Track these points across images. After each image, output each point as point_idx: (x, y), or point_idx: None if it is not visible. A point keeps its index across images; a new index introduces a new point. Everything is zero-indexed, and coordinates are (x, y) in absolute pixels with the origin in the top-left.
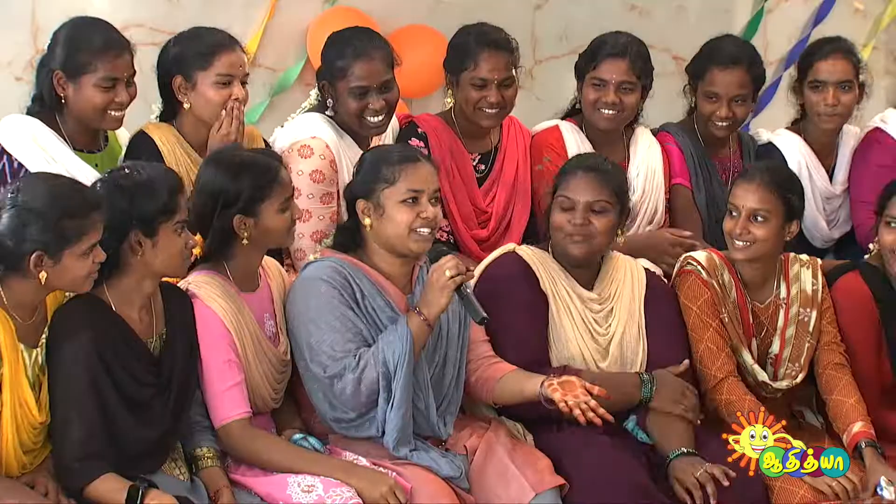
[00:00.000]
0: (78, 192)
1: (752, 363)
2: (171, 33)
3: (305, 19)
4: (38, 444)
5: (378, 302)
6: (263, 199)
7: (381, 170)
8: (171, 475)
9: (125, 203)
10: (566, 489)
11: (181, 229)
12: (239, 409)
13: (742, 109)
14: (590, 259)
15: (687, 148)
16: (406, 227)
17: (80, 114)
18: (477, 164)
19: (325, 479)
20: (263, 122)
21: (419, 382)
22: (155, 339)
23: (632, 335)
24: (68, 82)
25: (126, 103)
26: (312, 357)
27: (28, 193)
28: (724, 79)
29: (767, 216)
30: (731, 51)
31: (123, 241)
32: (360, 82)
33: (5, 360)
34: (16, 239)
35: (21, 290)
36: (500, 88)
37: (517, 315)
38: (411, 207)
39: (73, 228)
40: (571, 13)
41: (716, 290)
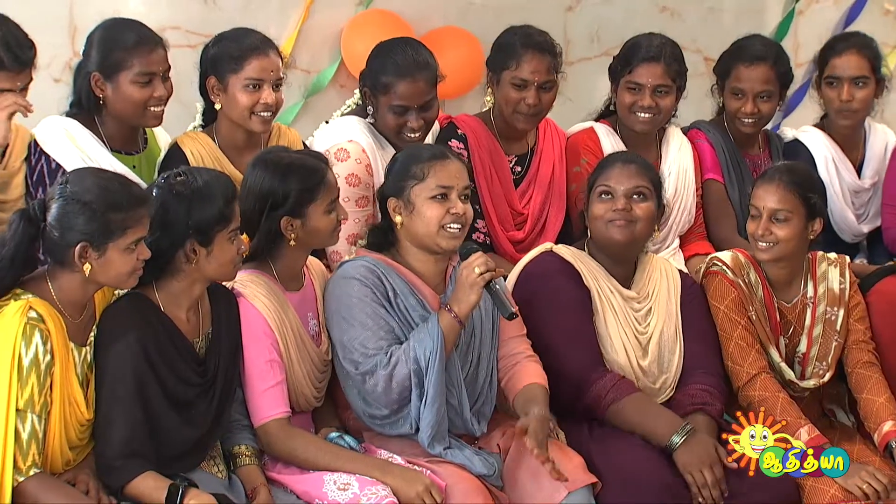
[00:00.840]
0: (125, 186)
1: (780, 361)
2: (207, 35)
3: (340, 21)
4: (84, 440)
5: (410, 301)
6: (311, 201)
7: (411, 167)
8: (210, 472)
9: (182, 211)
10: (598, 487)
11: (235, 237)
12: (278, 409)
13: (767, 106)
14: (630, 247)
15: (718, 144)
16: (436, 223)
17: (121, 112)
18: (513, 165)
19: (360, 478)
20: (298, 124)
21: (452, 380)
22: (201, 339)
23: (669, 335)
24: (106, 83)
25: (165, 98)
26: (345, 354)
27: (76, 185)
28: (748, 75)
29: (789, 216)
30: (756, 48)
31: (178, 249)
32: (400, 101)
33: (57, 360)
34: (62, 229)
35: (69, 285)
36: (540, 91)
37: (566, 314)
38: (441, 204)
39: (118, 221)
40: (603, 15)
41: (742, 289)
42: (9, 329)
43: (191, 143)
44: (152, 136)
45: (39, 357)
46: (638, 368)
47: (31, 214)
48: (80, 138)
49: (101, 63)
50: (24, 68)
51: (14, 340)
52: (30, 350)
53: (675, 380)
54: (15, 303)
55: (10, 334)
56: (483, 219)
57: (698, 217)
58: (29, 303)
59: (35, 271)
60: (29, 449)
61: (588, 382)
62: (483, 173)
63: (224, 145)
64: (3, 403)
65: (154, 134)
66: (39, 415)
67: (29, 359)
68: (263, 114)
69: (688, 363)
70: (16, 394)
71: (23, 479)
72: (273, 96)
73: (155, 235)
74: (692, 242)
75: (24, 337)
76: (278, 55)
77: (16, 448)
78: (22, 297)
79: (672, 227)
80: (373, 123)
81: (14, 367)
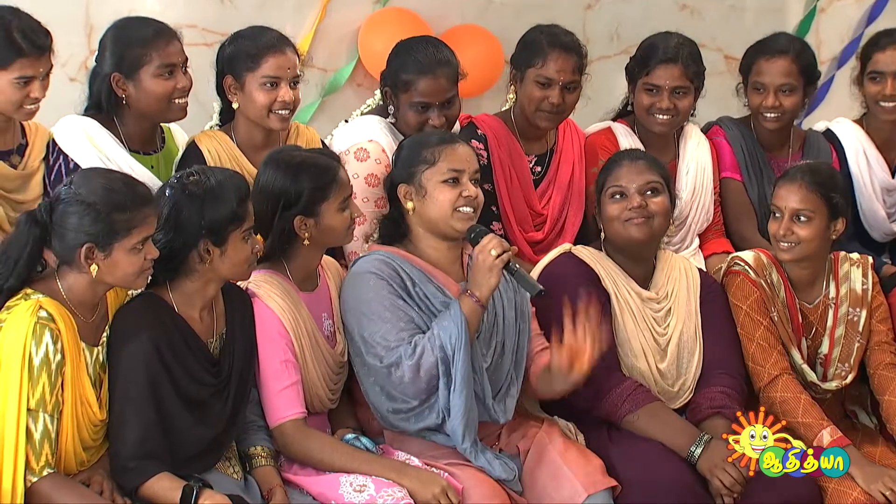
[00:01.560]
0: (130, 186)
1: (802, 363)
2: (224, 34)
3: (357, 20)
4: (97, 441)
5: (429, 288)
6: (324, 200)
7: (421, 152)
8: (225, 474)
9: (195, 211)
10: (618, 490)
11: (249, 236)
12: (294, 409)
13: (790, 100)
14: (649, 244)
15: (737, 142)
16: (449, 206)
17: (146, 109)
18: (533, 165)
19: (376, 479)
20: (314, 122)
21: (474, 367)
22: (215, 340)
23: (689, 336)
24: (127, 82)
25: (187, 89)
26: (367, 350)
27: (81, 186)
28: (769, 68)
29: (811, 216)
30: (777, 42)
31: (192, 249)
32: (422, 98)
33: (68, 360)
34: (68, 231)
35: (77, 285)
36: (564, 91)
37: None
38: (453, 187)
39: (123, 221)
40: (622, 12)
41: (764, 289)
42: (19, 328)
43: (208, 142)
44: (170, 136)
45: (50, 356)
46: (656, 371)
47: (38, 216)
48: (98, 138)
49: (120, 63)
50: (43, 53)
51: (24, 340)
52: (40, 349)
53: (693, 382)
54: (25, 302)
55: (21, 334)
56: (499, 221)
57: (716, 215)
58: (39, 302)
59: (45, 271)
60: (42, 449)
61: (603, 391)
62: (502, 174)
63: (242, 144)
64: (13, 403)
65: (171, 133)
66: (51, 414)
67: (39, 358)
68: (281, 112)
69: (707, 365)
70: (27, 393)
71: (36, 480)
72: (290, 94)
73: (168, 236)
74: (710, 240)
75: (34, 336)
76: (295, 52)
77: (28, 448)
78: (32, 297)
79: (691, 227)
80: (394, 123)
81: (25, 366)
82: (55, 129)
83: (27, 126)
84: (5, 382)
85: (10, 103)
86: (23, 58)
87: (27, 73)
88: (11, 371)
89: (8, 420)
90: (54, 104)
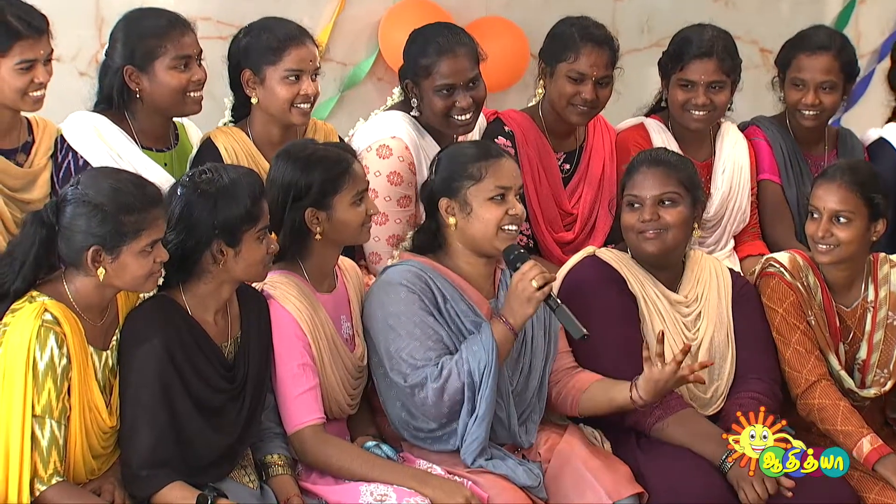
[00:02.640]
0: (138, 187)
1: (839, 369)
2: (239, 27)
3: (377, 12)
4: (107, 448)
5: (461, 306)
6: (335, 192)
7: (467, 167)
8: (241, 482)
9: (207, 210)
10: (645, 498)
11: (264, 236)
12: (312, 415)
13: (830, 98)
14: (666, 256)
15: (777, 143)
16: (494, 224)
17: (160, 103)
18: (562, 163)
19: (398, 489)
20: (333, 118)
21: (500, 391)
22: (230, 344)
23: (720, 340)
24: (141, 75)
25: (202, 81)
26: (392, 365)
27: (89, 186)
28: (810, 64)
29: (851, 217)
30: (819, 37)
31: (205, 249)
32: (445, 80)
33: (74, 364)
34: (74, 232)
35: (84, 288)
36: (597, 86)
37: (610, 323)
38: (499, 205)
39: (132, 224)
40: (653, 4)
41: (801, 292)
42: (23, 332)
43: (224, 139)
44: (183, 132)
45: (55, 360)
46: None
47: (44, 216)
48: (108, 135)
49: (133, 55)
50: (41, 35)
51: (28, 344)
52: (44, 354)
53: (726, 388)
54: (30, 305)
55: (25, 337)
56: (527, 221)
57: (753, 217)
58: (44, 305)
59: (52, 273)
60: (49, 456)
61: None
62: (531, 172)
63: (259, 140)
64: (18, 409)
65: (185, 130)
66: (58, 421)
67: (44, 363)
68: (303, 105)
69: (741, 369)
70: (31, 399)
71: (45, 488)
72: (313, 87)
73: (180, 236)
74: (746, 242)
75: (38, 340)
76: (314, 44)
77: (36, 455)
78: (37, 300)
79: (726, 228)
80: (417, 117)
81: (29, 371)
82: (64, 125)
83: (34, 123)
84: (10, 388)
85: (14, 91)
86: (21, 40)
87: (27, 56)
88: (16, 376)
89: (13, 426)
90: (64, 99)
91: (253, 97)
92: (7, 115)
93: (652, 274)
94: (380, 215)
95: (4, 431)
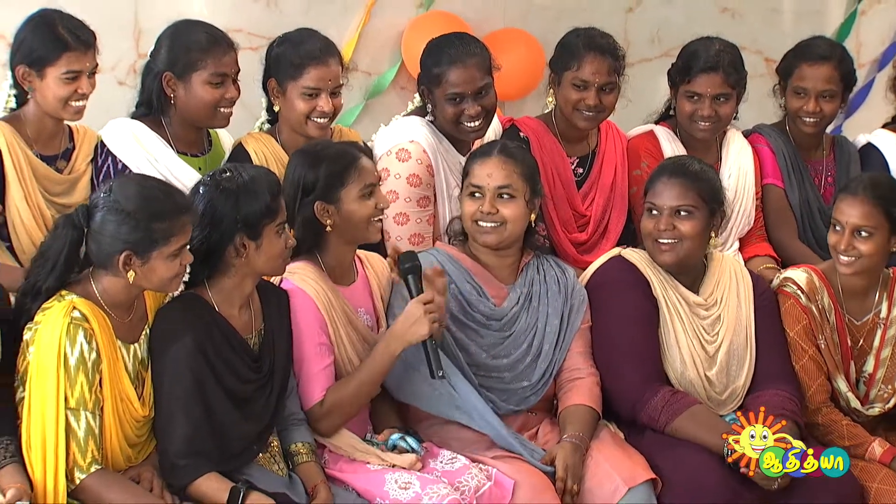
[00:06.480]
0: (168, 194)
1: (847, 391)
2: (269, 38)
3: (400, 23)
4: (142, 437)
5: (465, 286)
6: (342, 185)
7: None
8: (271, 470)
9: (230, 206)
10: (659, 487)
11: (282, 231)
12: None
13: (830, 106)
14: (682, 265)
15: (779, 148)
16: (469, 218)
17: (191, 113)
18: (575, 167)
19: (421, 476)
20: (358, 125)
21: (490, 367)
22: (254, 336)
23: (739, 344)
24: (178, 82)
25: (234, 99)
26: None
27: (120, 194)
28: (812, 73)
29: (872, 231)
30: (820, 47)
31: (228, 245)
32: (454, 89)
33: (104, 358)
34: (106, 238)
35: (112, 287)
36: (600, 92)
37: (630, 327)
38: (473, 200)
39: (162, 230)
40: (664, 16)
41: (814, 316)
42: (53, 329)
43: (254, 144)
44: (216, 138)
45: (85, 355)
46: (705, 379)
47: (75, 220)
48: (146, 140)
49: (174, 63)
50: (88, 48)
51: (59, 340)
52: (74, 349)
53: (743, 390)
54: (59, 304)
55: (55, 335)
56: (543, 222)
57: (758, 220)
58: (73, 303)
59: (81, 273)
60: (87, 446)
61: (641, 403)
62: (545, 176)
63: (287, 146)
64: (52, 403)
65: (218, 136)
66: (93, 412)
67: (75, 357)
68: (319, 120)
69: (760, 372)
70: (64, 393)
71: (84, 477)
72: (330, 104)
73: (204, 231)
74: (752, 244)
75: (67, 336)
76: (339, 62)
77: (74, 446)
78: (66, 299)
79: (732, 231)
80: (433, 122)
81: (61, 366)
82: (103, 131)
83: (75, 130)
84: (43, 383)
85: (57, 99)
86: (69, 52)
87: (74, 67)
88: (49, 372)
89: (48, 420)
90: (104, 107)
91: (276, 105)
92: (50, 123)
93: (672, 275)
94: (400, 215)
95: (41, 424)
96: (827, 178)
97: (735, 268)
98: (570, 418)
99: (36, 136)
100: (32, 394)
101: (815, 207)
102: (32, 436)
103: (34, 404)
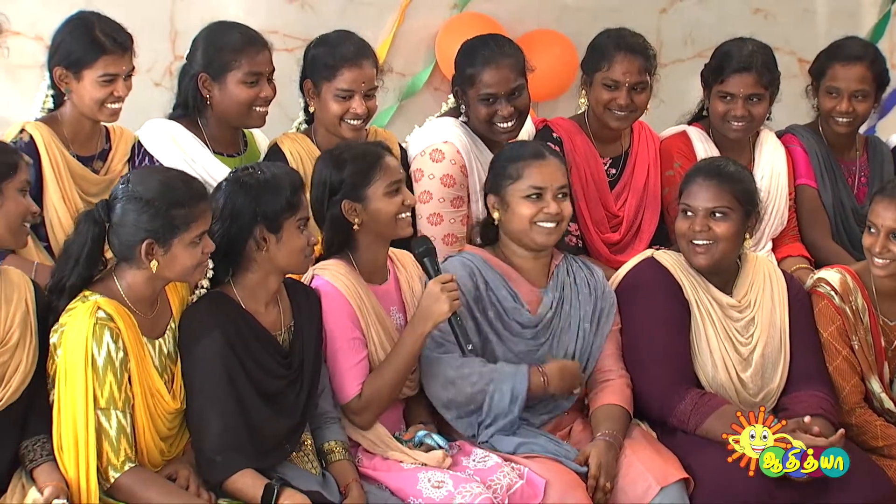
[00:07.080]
0: (186, 182)
1: (881, 391)
2: (305, 40)
3: (434, 25)
4: (173, 430)
5: (501, 292)
6: (368, 184)
7: (507, 167)
8: (304, 468)
9: (250, 200)
10: (691, 487)
11: (304, 226)
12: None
13: (863, 106)
14: (716, 267)
15: (812, 149)
16: (527, 221)
17: (226, 112)
18: (608, 168)
19: (454, 475)
20: (392, 126)
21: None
22: (283, 333)
23: (773, 346)
24: (213, 83)
25: (269, 99)
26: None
27: (138, 184)
28: (844, 73)
29: None
30: (853, 47)
31: (249, 238)
32: (487, 90)
33: (131, 356)
34: (127, 228)
35: (135, 281)
36: (631, 92)
37: (660, 329)
38: (534, 203)
39: (182, 217)
40: (697, 17)
41: (848, 316)
42: (79, 331)
43: (290, 144)
44: (252, 139)
45: (112, 355)
46: (738, 381)
47: (96, 215)
48: (182, 141)
49: (209, 64)
50: (125, 52)
51: (86, 341)
52: (101, 349)
53: (777, 391)
54: (83, 305)
55: (82, 336)
56: (576, 222)
57: (791, 220)
58: (97, 303)
59: (103, 272)
60: (119, 445)
61: (670, 406)
62: (578, 176)
63: (322, 146)
64: (82, 404)
65: (253, 136)
66: (123, 410)
67: (102, 358)
68: (352, 122)
69: (794, 374)
70: (93, 393)
71: (119, 475)
72: (363, 106)
73: (224, 224)
74: (785, 245)
75: (94, 337)
76: (373, 65)
77: (107, 446)
78: (90, 299)
79: (765, 231)
80: (466, 122)
81: (89, 367)
82: (141, 132)
83: (111, 130)
84: (73, 384)
85: (93, 101)
86: (106, 55)
87: (110, 70)
88: (77, 373)
89: (79, 421)
90: (140, 108)
91: (311, 106)
92: (87, 124)
93: (705, 276)
94: (434, 216)
95: (72, 426)
96: (860, 179)
97: (769, 269)
98: (602, 417)
99: (73, 136)
100: (62, 396)
101: (848, 208)
102: (64, 437)
103: (64, 406)
